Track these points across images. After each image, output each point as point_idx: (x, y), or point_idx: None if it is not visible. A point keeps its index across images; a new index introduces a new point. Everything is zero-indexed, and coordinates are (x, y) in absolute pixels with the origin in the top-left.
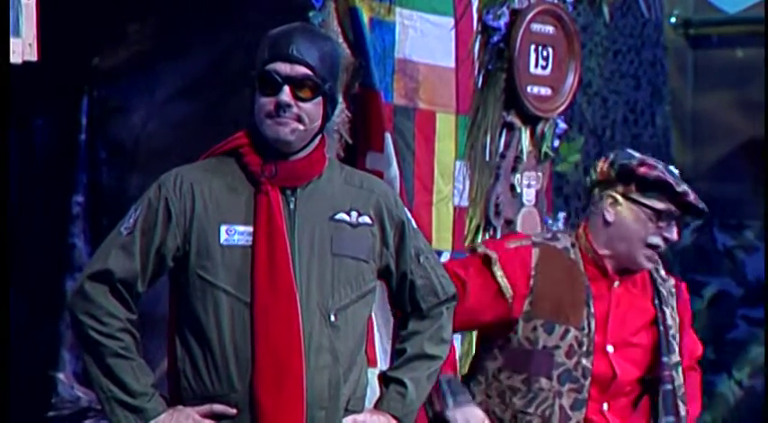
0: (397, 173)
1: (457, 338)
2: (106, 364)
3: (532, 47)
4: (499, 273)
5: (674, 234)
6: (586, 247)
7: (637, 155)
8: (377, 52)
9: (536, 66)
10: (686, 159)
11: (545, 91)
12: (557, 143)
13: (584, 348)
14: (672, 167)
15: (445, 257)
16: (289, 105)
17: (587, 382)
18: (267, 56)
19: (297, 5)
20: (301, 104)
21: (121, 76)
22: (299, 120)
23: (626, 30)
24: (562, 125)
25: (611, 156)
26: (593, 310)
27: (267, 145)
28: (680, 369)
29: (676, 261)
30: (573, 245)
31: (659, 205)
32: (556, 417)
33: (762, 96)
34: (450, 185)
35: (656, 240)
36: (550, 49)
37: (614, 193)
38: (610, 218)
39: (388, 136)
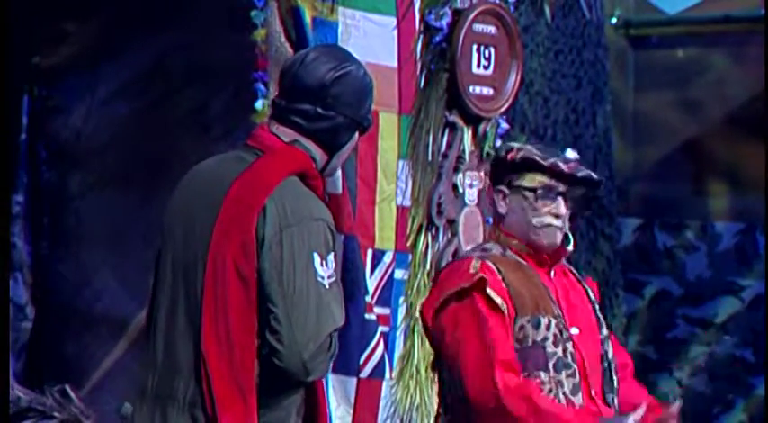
0: (340, 172)
1: (399, 338)
2: None
3: (474, 47)
4: (493, 294)
5: (561, 209)
6: (516, 244)
7: (513, 145)
8: None
9: (478, 66)
10: (627, 159)
11: (487, 91)
12: (499, 143)
13: (565, 335)
14: (568, 152)
15: (388, 257)
16: None
17: (576, 367)
18: None
19: (239, 5)
20: None
21: (62, 76)
22: None
23: (567, 30)
24: (504, 125)
25: (492, 154)
26: (554, 297)
27: None
28: (609, 342)
29: (617, 260)
30: (504, 249)
31: (535, 184)
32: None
33: (701, 96)
34: (393, 185)
35: (544, 220)
36: (492, 49)
37: (502, 187)
38: (502, 210)
39: None
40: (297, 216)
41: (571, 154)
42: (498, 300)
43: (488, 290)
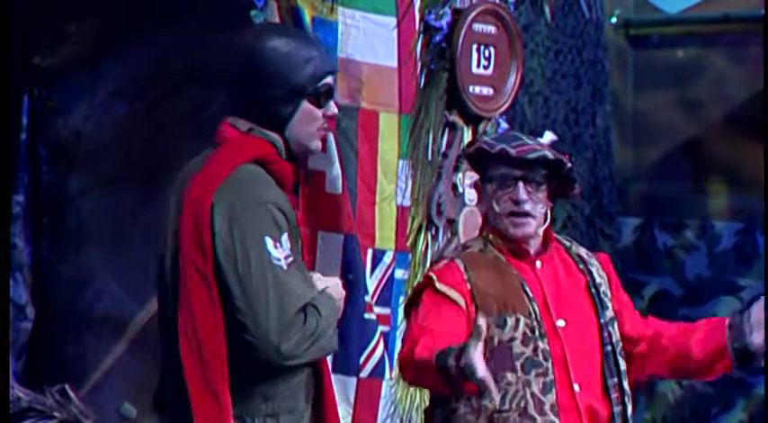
0: (340, 172)
1: (399, 337)
2: None
3: (474, 46)
4: (444, 288)
5: (520, 194)
6: (495, 240)
7: (477, 140)
8: None
9: (478, 65)
10: (627, 159)
11: (487, 91)
12: None
13: (537, 332)
14: (545, 134)
15: (388, 256)
16: None
17: (550, 364)
18: None
19: (239, 5)
20: None
21: (62, 76)
22: None
23: (567, 30)
24: (504, 125)
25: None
26: (531, 294)
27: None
28: (615, 324)
29: (617, 260)
30: (486, 245)
31: (494, 173)
32: (531, 405)
33: (701, 96)
34: (394, 185)
35: (505, 207)
36: (492, 49)
37: (477, 182)
38: (480, 205)
39: (330, 135)
40: (243, 205)
41: (547, 137)
42: (452, 293)
43: (438, 285)
